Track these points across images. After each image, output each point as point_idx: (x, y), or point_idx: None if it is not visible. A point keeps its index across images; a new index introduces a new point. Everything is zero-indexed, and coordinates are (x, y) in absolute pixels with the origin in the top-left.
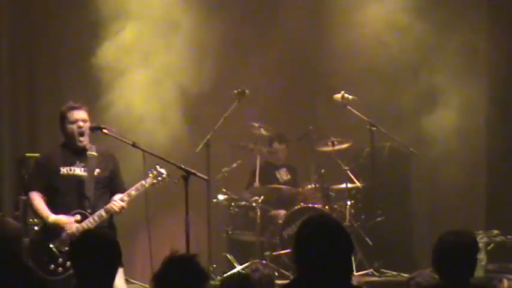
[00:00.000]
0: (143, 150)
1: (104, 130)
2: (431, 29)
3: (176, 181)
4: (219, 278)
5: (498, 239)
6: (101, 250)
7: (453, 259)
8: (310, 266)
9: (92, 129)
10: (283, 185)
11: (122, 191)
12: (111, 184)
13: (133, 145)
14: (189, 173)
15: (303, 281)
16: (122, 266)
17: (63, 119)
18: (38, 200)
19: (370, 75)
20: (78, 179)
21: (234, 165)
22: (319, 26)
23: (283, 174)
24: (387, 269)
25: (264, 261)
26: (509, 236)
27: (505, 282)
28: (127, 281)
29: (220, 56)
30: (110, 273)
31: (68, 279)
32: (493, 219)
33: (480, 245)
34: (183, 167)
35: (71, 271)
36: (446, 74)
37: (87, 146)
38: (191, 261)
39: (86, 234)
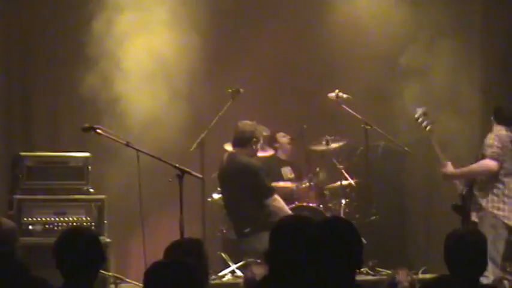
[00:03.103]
0: (137, 150)
1: (98, 130)
2: (425, 27)
3: (171, 180)
4: (213, 277)
5: None
6: (83, 248)
7: (461, 258)
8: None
9: (85, 129)
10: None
11: None
12: None
13: (127, 145)
14: (183, 171)
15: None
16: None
17: None
18: None
19: (366, 74)
20: None
21: None
22: (317, 24)
23: (287, 172)
24: (382, 268)
25: (258, 260)
26: None
27: (507, 284)
28: (121, 280)
29: (214, 54)
30: (93, 270)
31: None
32: None
33: None
34: (177, 166)
35: None
36: (442, 74)
37: None
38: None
39: (69, 232)
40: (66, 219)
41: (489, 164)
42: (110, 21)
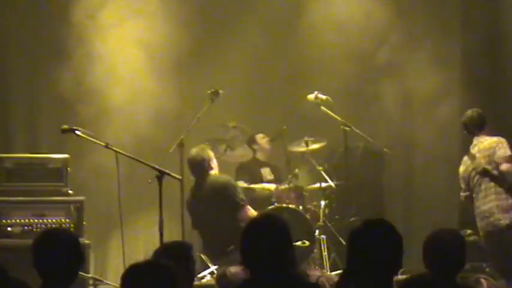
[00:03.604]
0: (116, 152)
1: (77, 132)
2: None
3: (150, 181)
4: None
5: (471, 238)
6: (62, 249)
7: (441, 257)
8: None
9: (65, 131)
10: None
11: None
12: None
13: (107, 146)
14: (162, 173)
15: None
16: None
17: None
18: None
19: (345, 75)
20: None
21: None
22: (295, 25)
23: (267, 173)
24: None
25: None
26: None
27: (484, 283)
28: (100, 282)
29: (194, 55)
30: (72, 272)
31: None
32: (467, 218)
33: None
34: (156, 167)
35: None
36: (420, 74)
37: None
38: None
39: (47, 233)
40: (45, 220)
41: None
42: (90, 19)
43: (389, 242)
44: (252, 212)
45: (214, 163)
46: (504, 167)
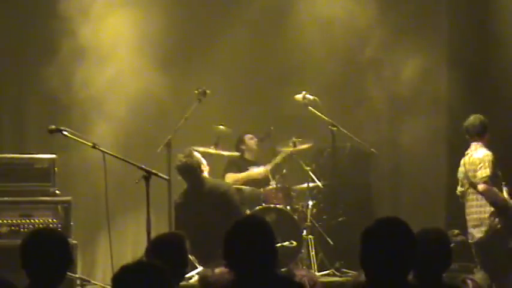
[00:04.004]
0: (103, 152)
1: (64, 132)
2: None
3: (137, 181)
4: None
5: (458, 238)
6: (51, 249)
7: (427, 257)
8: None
9: (52, 131)
10: (255, 181)
11: None
12: None
13: (94, 146)
14: (150, 173)
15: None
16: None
17: None
18: None
19: (332, 75)
20: None
21: None
22: (283, 26)
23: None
24: (349, 269)
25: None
26: None
27: (470, 284)
28: (87, 282)
29: (181, 55)
30: (59, 272)
31: None
32: (454, 218)
33: None
34: (143, 167)
35: None
36: (407, 73)
37: None
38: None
39: (36, 233)
40: (32, 221)
41: None
42: (78, 13)
43: (402, 240)
44: None
45: (204, 165)
46: (480, 187)
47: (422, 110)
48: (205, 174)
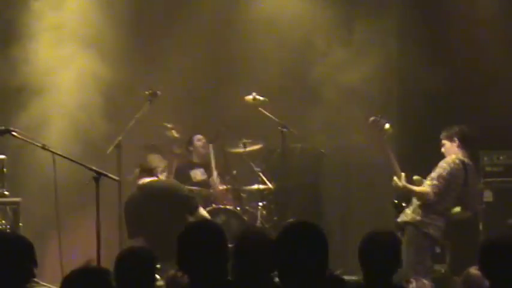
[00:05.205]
0: (53, 153)
1: (13, 133)
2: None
3: (87, 182)
4: None
5: None
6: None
7: (375, 258)
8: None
9: (1, 132)
10: (195, 185)
11: None
12: None
13: (43, 147)
14: (100, 174)
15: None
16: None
17: None
18: None
19: (282, 75)
20: None
21: None
22: (233, 27)
23: (197, 174)
24: None
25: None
26: None
27: (413, 283)
28: (36, 283)
29: (132, 56)
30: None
31: None
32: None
33: None
34: (93, 168)
35: None
36: (360, 71)
37: None
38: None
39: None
40: None
41: None
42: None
43: (312, 242)
44: (204, 213)
45: (158, 169)
46: (422, 187)
47: (373, 110)
48: (159, 168)
